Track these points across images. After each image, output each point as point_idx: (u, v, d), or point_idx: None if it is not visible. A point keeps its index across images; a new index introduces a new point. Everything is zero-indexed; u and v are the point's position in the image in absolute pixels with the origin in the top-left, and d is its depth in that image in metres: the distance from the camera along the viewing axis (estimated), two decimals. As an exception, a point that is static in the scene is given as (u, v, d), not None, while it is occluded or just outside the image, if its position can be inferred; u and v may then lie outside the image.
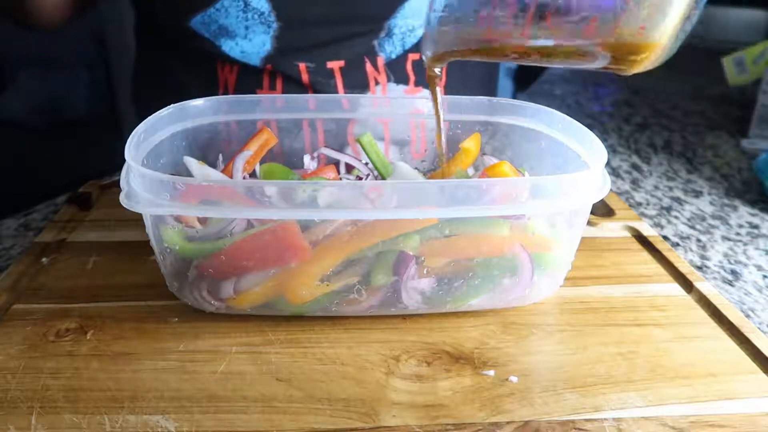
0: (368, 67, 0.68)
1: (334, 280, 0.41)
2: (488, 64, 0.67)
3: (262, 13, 0.63)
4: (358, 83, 0.69)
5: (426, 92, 0.71)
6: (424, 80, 0.71)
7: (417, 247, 0.40)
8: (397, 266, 0.41)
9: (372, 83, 0.69)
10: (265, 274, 0.41)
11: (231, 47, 0.66)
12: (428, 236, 0.40)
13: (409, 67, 0.71)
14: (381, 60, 0.69)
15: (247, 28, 0.64)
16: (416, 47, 0.70)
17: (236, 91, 0.68)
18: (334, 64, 0.67)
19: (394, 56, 0.69)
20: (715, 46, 1.41)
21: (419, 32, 0.69)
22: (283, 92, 0.68)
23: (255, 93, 0.67)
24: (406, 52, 0.70)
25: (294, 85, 0.68)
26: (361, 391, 0.37)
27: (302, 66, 0.66)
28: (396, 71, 0.70)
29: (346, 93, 0.68)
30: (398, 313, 0.44)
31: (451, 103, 0.53)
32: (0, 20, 0.72)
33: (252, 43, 0.65)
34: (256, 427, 0.34)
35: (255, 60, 0.66)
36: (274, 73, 0.67)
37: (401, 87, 0.71)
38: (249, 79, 0.67)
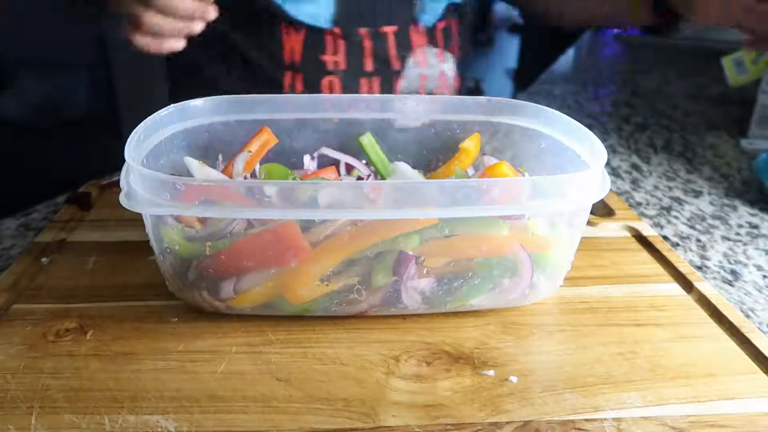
0: (412, 32, 0.76)
1: (334, 280, 0.41)
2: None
3: None
4: (405, 46, 0.77)
5: (447, 55, 0.82)
6: (448, 46, 0.85)
7: (417, 247, 0.40)
8: (397, 266, 0.41)
9: (416, 46, 0.77)
10: (265, 274, 0.41)
11: (297, 10, 0.70)
12: (428, 236, 0.40)
13: (439, 35, 0.79)
14: (422, 27, 0.77)
15: None
16: (443, 16, 0.79)
17: (303, 58, 0.73)
18: (388, 29, 0.74)
19: (429, 24, 0.78)
20: (715, 46, 1.41)
21: (443, 3, 0.79)
22: (345, 58, 0.73)
23: (319, 60, 0.73)
24: (437, 22, 0.79)
25: (355, 49, 0.73)
26: (361, 391, 0.37)
27: (363, 31, 0.73)
28: (431, 38, 0.80)
29: (396, 55, 0.77)
30: (398, 313, 0.44)
31: (451, 103, 0.53)
32: (0, 19, 0.72)
33: (317, 4, 0.70)
34: (256, 427, 0.34)
35: (322, 22, 0.71)
36: (336, 38, 0.72)
37: (433, 50, 0.80)
38: (314, 44, 0.72)
